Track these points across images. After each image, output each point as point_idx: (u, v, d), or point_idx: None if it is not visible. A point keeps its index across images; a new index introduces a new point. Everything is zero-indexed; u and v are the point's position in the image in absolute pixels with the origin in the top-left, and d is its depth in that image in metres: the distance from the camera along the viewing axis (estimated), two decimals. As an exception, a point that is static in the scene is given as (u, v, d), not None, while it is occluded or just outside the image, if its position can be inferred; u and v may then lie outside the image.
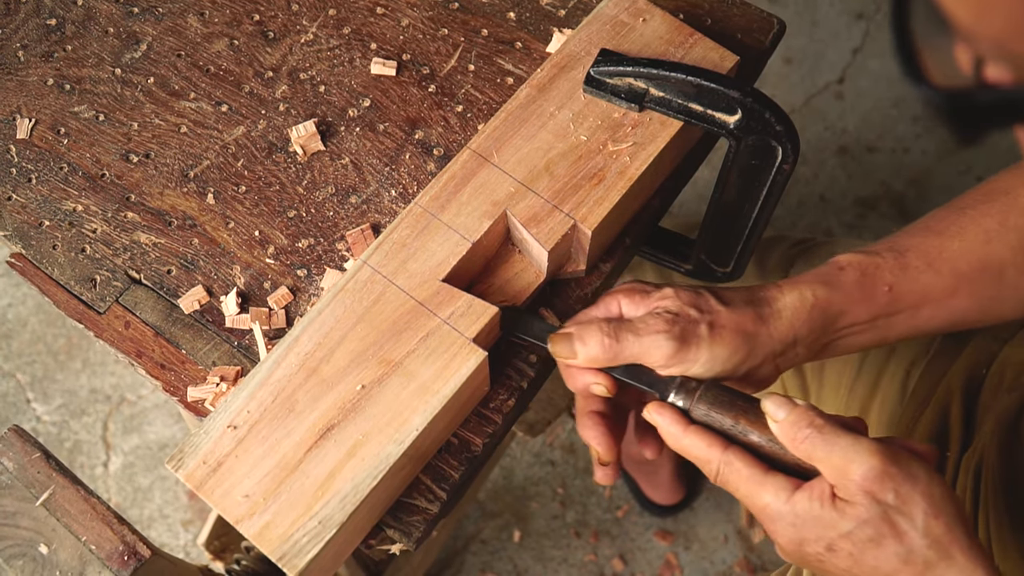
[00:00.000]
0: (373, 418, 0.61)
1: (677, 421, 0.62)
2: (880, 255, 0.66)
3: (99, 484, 1.65)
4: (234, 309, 0.71)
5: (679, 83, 0.67)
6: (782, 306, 0.64)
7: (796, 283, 0.65)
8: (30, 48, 0.83)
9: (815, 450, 0.57)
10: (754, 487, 0.59)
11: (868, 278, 0.65)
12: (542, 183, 0.68)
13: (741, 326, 0.62)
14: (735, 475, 0.59)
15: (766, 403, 0.59)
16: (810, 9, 2.02)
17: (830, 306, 0.64)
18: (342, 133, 0.78)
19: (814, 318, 0.64)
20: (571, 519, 1.61)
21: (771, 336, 0.63)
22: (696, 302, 0.63)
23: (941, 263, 0.65)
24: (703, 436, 0.61)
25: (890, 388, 0.90)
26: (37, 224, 0.76)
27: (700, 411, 0.62)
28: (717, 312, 0.63)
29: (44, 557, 0.64)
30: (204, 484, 0.60)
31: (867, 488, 0.55)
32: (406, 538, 0.66)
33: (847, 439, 0.56)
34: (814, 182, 1.86)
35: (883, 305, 0.65)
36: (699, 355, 0.61)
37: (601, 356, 0.63)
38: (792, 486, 0.58)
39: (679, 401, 0.62)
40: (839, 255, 0.67)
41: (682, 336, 0.61)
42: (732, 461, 0.59)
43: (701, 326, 0.62)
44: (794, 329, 0.64)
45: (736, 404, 0.61)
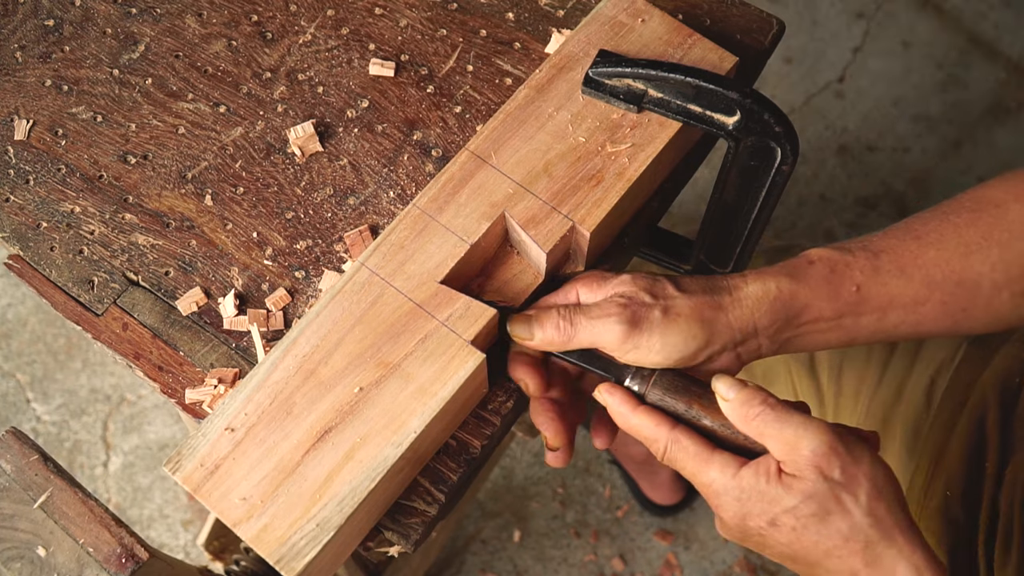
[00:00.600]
0: (371, 420, 0.61)
1: (626, 401, 0.62)
2: (853, 253, 0.65)
3: (99, 484, 1.65)
4: (232, 311, 0.71)
5: (678, 84, 0.67)
6: (744, 295, 0.64)
7: (761, 273, 0.65)
8: (28, 49, 0.83)
9: (766, 426, 0.58)
10: (701, 463, 0.60)
11: (836, 275, 0.65)
12: (540, 184, 0.68)
13: (697, 312, 0.62)
14: (682, 452, 0.60)
15: (717, 383, 0.60)
16: (810, 9, 2.02)
17: (794, 299, 0.64)
18: (340, 134, 0.78)
19: (776, 309, 0.63)
20: (571, 519, 1.61)
21: (730, 324, 0.63)
22: (651, 288, 0.63)
23: (914, 269, 0.65)
24: (651, 416, 0.61)
25: (914, 396, 0.89)
26: (35, 225, 0.76)
27: (654, 396, 0.63)
28: (672, 298, 0.62)
29: (42, 559, 0.64)
30: (202, 487, 0.60)
31: (816, 463, 0.56)
32: (404, 540, 0.66)
33: (798, 417, 0.58)
34: (814, 182, 1.86)
35: (849, 304, 0.64)
36: (651, 340, 0.61)
37: (556, 339, 0.63)
38: (738, 463, 0.59)
39: (634, 386, 0.63)
40: (811, 249, 0.67)
41: (633, 320, 0.61)
42: (680, 439, 0.60)
43: (654, 311, 0.62)
44: (754, 319, 0.63)
45: (690, 389, 0.62)
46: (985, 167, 1.85)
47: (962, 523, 0.78)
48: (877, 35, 1.98)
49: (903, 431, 0.88)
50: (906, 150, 1.88)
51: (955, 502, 0.78)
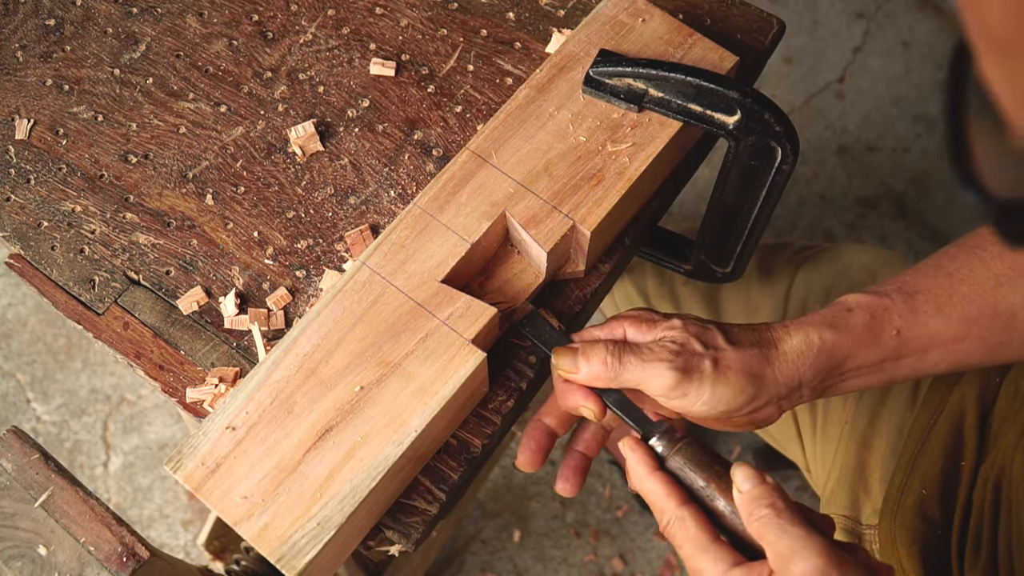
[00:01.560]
0: (372, 419, 0.61)
1: (646, 463, 0.61)
2: (890, 297, 0.65)
3: (99, 484, 1.65)
4: (233, 310, 0.71)
5: (678, 84, 0.67)
6: (788, 348, 0.63)
7: (803, 324, 0.64)
8: (29, 48, 0.83)
9: (767, 532, 0.56)
10: (696, 549, 0.58)
11: (876, 321, 0.64)
12: (541, 184, 0.68)
13: (747, 367, 0.62)
14: (683, 532, 0.59)
15: (736, 471, 0.58)
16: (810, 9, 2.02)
17: (836, 349, 0.63)
18: (341, 134, 0.78)
19: (820, 361, 0.63)
20: (571, 519, 1.61)
21: (776, 380, 0.63)
22: (703, 336, 0.62)
23: (950, 308, 0.64)
24: (664, 485, 0.60)
25: (900, 396, 0.90)
26: (36, 225, 0.76)
27: (675, 463, 0.61)
28: (723, 350, 0.62)
29: (43, 558, 0.64)
30: (203, 486, 0.60)
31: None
32: (405, 539, 0.66)
33: (800, 531, 0.55)
34: (814, 182, 1.86)
35: (890, 349, 0.64)
36: (701, 391, 0.61)
37: (603, 375, 0.62)
38: (733, 560, 0.57)
39: (658, 446, 0.62)
40: (847, 295, 0.66)
41: (685, 368, 0.61)
42: (685, 518, 0.59)
43: (706, 361, 0.61)
44: (799, 373, 0.63)
45: (712, 467, 0.60)
46: (985, 167, 1.85)
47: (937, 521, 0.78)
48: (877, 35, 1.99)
49: (889, 430, 0.88)
50: (906, 150, 1.88)
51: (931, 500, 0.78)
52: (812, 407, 0.97)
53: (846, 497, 0.88)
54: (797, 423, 0.99)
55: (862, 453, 0.89)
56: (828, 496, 0.91)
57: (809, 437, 0.97)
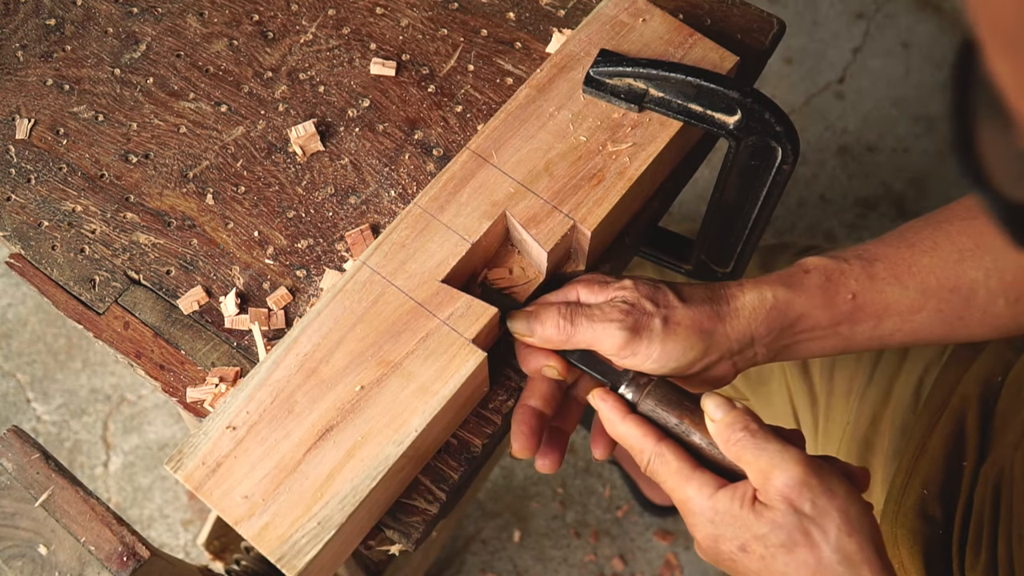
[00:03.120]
0: (372, 419, 0.61)
1: (617, 409, 0.62)
2: (848, 262, 0.65)
3: (99, 484, 1.65)
4: (233, 310, 0.71)
5: (679, 83, 0.67)
6: (740, 304, 0.64)
7: (758, 283, 0.65)
8: (29, 48, 0.83)
9: (744, 452, 0.58)
10: (680, 480, 0.60)
11: (832, 284, 0.64)
12: (541, 183, 0.68)
13: (697, 323, 0.62)
14: (664, 467, 0.60)
15: (706, 402, 0.60)
16: (810, 9, 2.02)
17: (790, 308, 0.64)
18: (341, 133, 0.78)
19: (773, 319, 0.64)
20: (571, 519, 1.61)
21: (727, 335, 0.63)
22: (653, 296, 0.63)
23: (909, 277, 0.65)
24: (639, 426, 0.61)
25: (903, 395, 0.90)
26: (36, 224, 0.76)
27: (647, 406, 0.62)
28: (673, 307, 0.63)
29: (43, 558, 0.64)
30: (203, 485, 0.60)
31: (786, 495, 0.56)
32: (405, 539, 0.66)
33: (776, 446, 0.57)
34: (814, 182, 1.86)
35: (845, 313, 0.64)
36: (651, 349, 0.62)
37: (555, 337, 0.63)
38: (717, 484, 0.59)
39: (628, 393, 0.63)
40: (807, 257, 0.67)
41: (635, 327, 0.61)
42: (664, 453, 0.60)
43: (655, 320, 0.62)
44: (751, 329, 0.64)
45: (683, 404, 0.62)
46: (985, 168, 1.85)
47: (938, 520, 0.78)
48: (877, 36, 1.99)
49: (891, 430, 0.88)
50: (906, 151, 1.88)
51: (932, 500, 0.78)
52: (814, 409, 0.97)
53: None
54: (799, 425, 0.99)
55: (864, 454, 0.89)
56: None
57: (811, 437, 0.97)
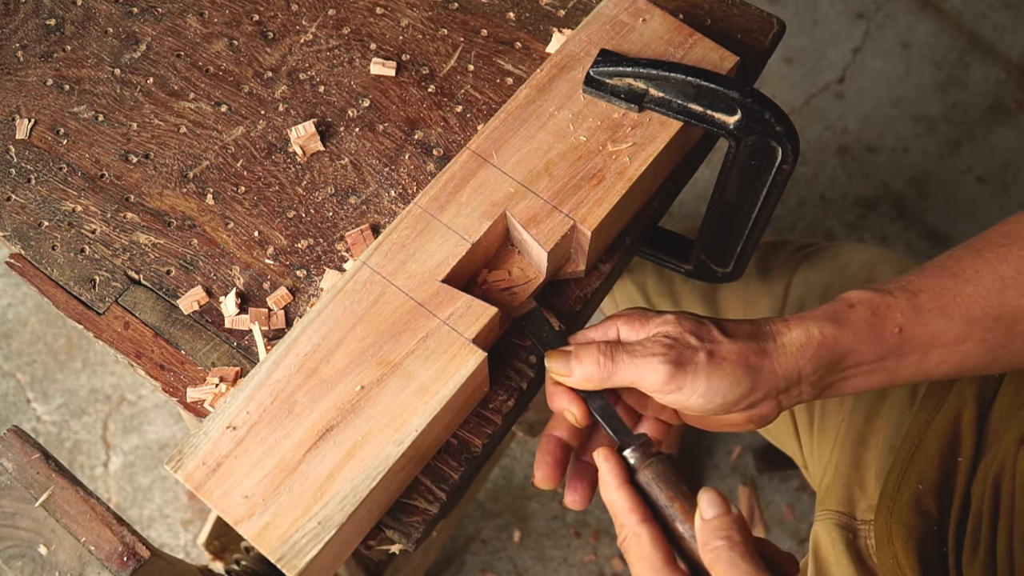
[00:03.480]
0: (372, 419, 0.61)
1: (615, 474, 0.61)
2: (893, 295, 0.64)
3: (99, 484, 1.65)
4: (233, 310, 0.71)
5: (679, 83, 0.67)
6: (787, 341, 0.62)
7: (803, 319, 0.63)
8: (29, 48, 0.83)
9: (717, 563, 0.56)
10: (648, 569, 0.58)
11: (879, 318, 0.63)
12: (541, 183, 0.68)
13: (743, 358, 0.61)
14: (637, 549, 0.58)
15: (703, 497, 0.58)
16: (810, 9, 2.02)
17: (837, 344, 0.62)
18: (341, 133, 0.78)
19: (820, 356, 0.62)
20: (571, 519, 1.61)
21: (775, 372, 0.62)
22: (697, 330, 0.62)
23: (954, 308, 0.64)
24: (629, 499, 0.60)
25: (899, 394, 0.90)
26: (36, 224, 0.76)
27: (644, 477, 0.61)
28: (718, 342, 0.61)
29: (43, 558, 0.64)
30: (203, 485, 0.60)
31: None
32: (405, 539, 0.66)
33: (749, 567, 0.55)
34: (814, 182, 1.86)
35: (892, 346, 0.63)
36: (696, 384, 0.60)
37: (596, 375, 0.62)
38: None
39: (631, 458, 0.62)
40: (850, 291, 0.66)
41: (679, 361, 0.60)
42: (642, 535, 0.58)
43: (700, 354, 0.60)
44: (799, 366, 0.62)
45: (679, 487, 0.60)
46: (985, 168, 1.85)
47: (934, 516, 0.78)
48: (877, 36, 1.99)
49: (887, 427, 0.88)
50: (906, 151, 1.88)
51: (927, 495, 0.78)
52: (809, 406, 0.97)
53: (841, 493, 0.88)
54: (795, 421, 0.99)
55: (858, 451, 0.89)
56: (824, 492, 0.91)
57: (806, 434, 0.97)
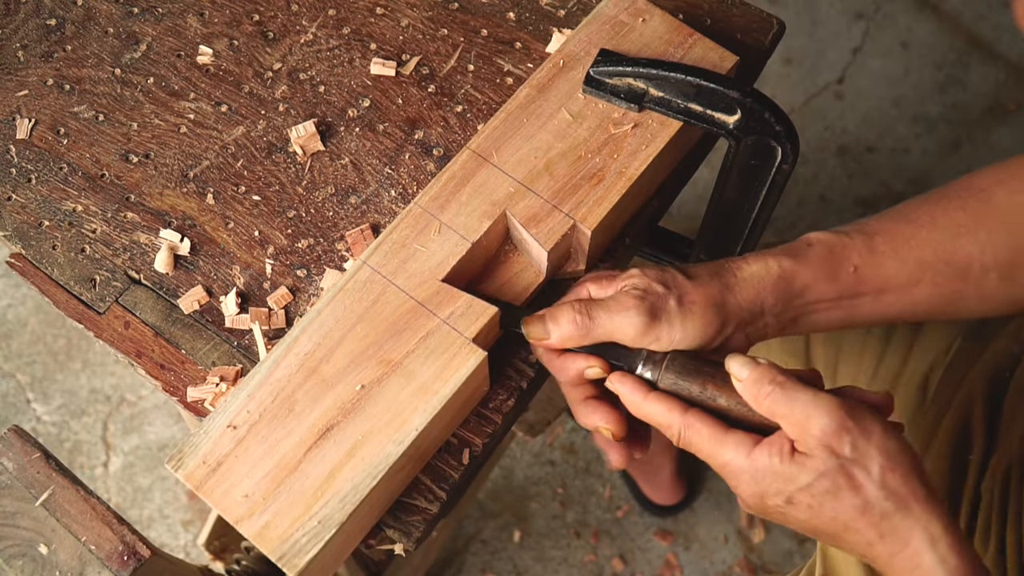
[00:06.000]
0: (373, 418, 0.61)
1: (637, 389, 0.63)
2: (849, 236, 0.67)
3: (99, 484, 1.65)
4: (234, 309, 0.71)
5: (679, 83, 0.67)
6: (747, 275, 0.64)
7: (762, 254, 0.66)
8: (30, 48, 0.83)
9: (777, 406, 0.58)
10: (715, 445, 0.60)
11: (835, 256, 0.65)
12: (541, 183, 0.68)
13: (709, 298, 0.63)
14: (697, 436, 0.61)
15: (730, 363, 0.60)
16: (810, 9, 2.02)
17: (795, 278, 0.65)
18: (342, 133, 0.78)
19: (780, 288, 0.64)
20: (571, 519, 1.61)
21: (739, 304, 0.64)
22: (662, 278, 0.64)
23: (907, 251, 0.66)
24: (663, 401, 0.62)
25: (908, 392, 0.90)
26: (37, 224, 0.76)
27: (668, 381, 0.62)
28: (684, 286, 0.63)
29: (44, 557, 0.64)
30: (204, 484, 0.60)
31: (825, 442, 0.57)
32: (406, 538, 0.66)
33: (807, 395, 0.58)
34: (814, 182, 1.86)
35: (848, 285, 0.66)
36: (672, 330, 0.62)
37: (574, 333, 0.63)
38: (752, 442, 0.59)
39: (647, 373, 0.63)
40: (809, 233, 0.68)
41: (652, 310, 0.62)
42: (693, 423, 0.61)
43: (670, 300, 0.62)
44: (760, 297, 0.64)
45: (703, 370, 0.62)
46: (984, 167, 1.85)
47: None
48: (876, 36, 1.99)
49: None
50: (906, 151, 1.88)
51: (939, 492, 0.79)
52: None
53: None
54: None
55: None
56: None
57: None
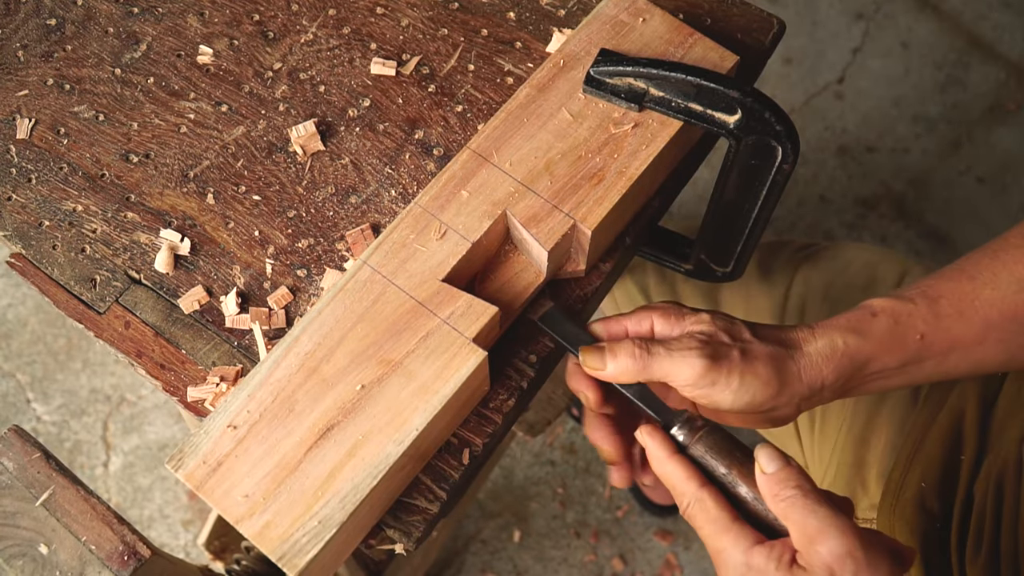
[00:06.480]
0: (373, 418, 0.62)
1: (664, 447, 0.62)
2: (913, 302, 0.66)
3: (99, 484, 1.65)
4: (234, 309, 0.71)
5: (679, 83, 0.67)
6: (812, 350, 0.64)
7: (828, 328, 0.65)
8: (30, 48, 0.83)
9: (793, 511, 0.56)
10: (718, 529, 0.59)
11: (901, 327, 0.65)
12: (542, 183, 0.68)
13: (774, 360, 0.63)
14: (703, 513, 0.59)
15: (760, 452, 0.59)
16: (810, 9, 2.02)
17: (860, 353, 0.64)
18: (342, 133, 0.78)
19: (843, 365, 0.64)
20: (571, 519, 1.61)
21: (800, 379, 0.63)
22: (730, 329, 0.64)
23: (972, 312, 0.65)
24: (684, 467, 0.61)
25: (901, 394, 0.90)
26: (37, 224, 0.76)
27: (697, 451, 0.62)
28: (750, 342, 0.63)
29: (44, 557, 0.64)
30: (204, 484, 0.60)
31: (828, 563, 0.55)
32: (406, 538, 0.66)
33: (826, 511, 0.56)
34: (814, 182, 1.86)
35: (913, 352, 0.65)
36: (730, 380, 0.61)
37: (631, 368, 0.63)
38: (755, 539, 0.58)
39: (679, 435, 0.62)
40: (872, 299, 0.67)
41: (715, 357, 0.61)
42: (704, 499, 0.59)
43: (734, 351, 0.62)
44: (822, 375, 0.64)
45: (734, 454, 0.61)
46: (985, 168, 1.85)
47: (936, 514, 0.78)
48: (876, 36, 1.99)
49: (889, 428, 0.89)
50: (906, 151, 1.88)
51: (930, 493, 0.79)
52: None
53: (842, 492, 0.88)
54: (795, 422, 1.00)
55: (860, 450, 0.89)
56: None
57: (807, 435, 0.97)
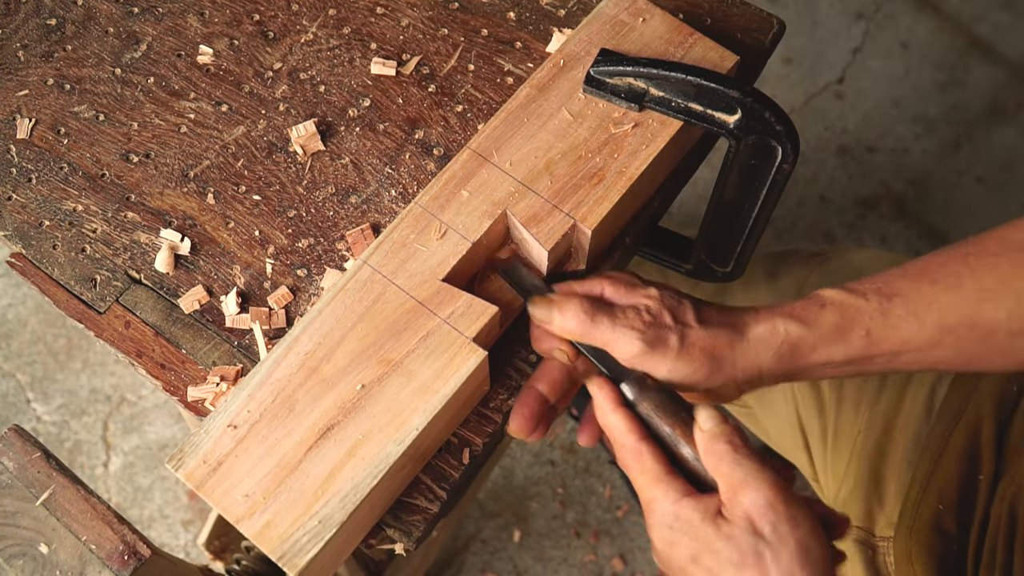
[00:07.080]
0: (373, 418, 0.62)
1: (610, 399, 0.63)
2: (865, 297, 0.65)
3: (99, 484, 1.65)
4: (234, 309, 0.71)
5: (679, 83, 0.67)
6: (752, 335, 0.64)
7: (771, 315, 0.65)
8: (30, 48, 0.83)
9: (721, 464, 0.58)
10: (651, 480, 0.60)
11: (846, 321, 0.64)
12: (542, 183, 0.68)
13: (710, 348, 0.63)
14: (638, 464, 0.61)
15: (699, 411, 0.60)
16: (810, 9, 2.02)
17: (802, 342, 0.64)
18: (342, 133, 0.78)
19: (782, 353, 0.64)
20: (571, 519, 1.61)
21: (735, 365, 0.64)
22: (675, 310, 0.64)
23: (927, 314, 0.63)
24: (627, 421, 0.62)
25: (914, 406, 0.89)
26: (37, 224, 0.76)
27: (644, 408, 0.63)
28: (691, 327, 0.63)
29: (44, 557, 0.64)
30: (204, 483, 0.60)
31: (749, 513, 0.56)
32: (406, 537, 0.66)
33: (752, 464, 0.57)
34: (814, 182, 1.86)
35: (859, 348, 0.64)
36: (662, 365, 0.62)
37: (574, 329, 0.64)
38: (685, 491, 0.59)
39: (628, 391, 0.63)
40: (824, 289, 0.66)
41: (653, 341, 0.62)
42: (643, 452, 0.61)
43: (672, 336, 0.62)
44: (759, 362, 0.64)
45: (679, 414, 0.62)
46: (984, 168, 1.85)
47: (953, 536, 0.77)
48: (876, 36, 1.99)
49: (904, 440, 0.87)
50: (906, 151, 1.88)
51: (947, 514, 0.78)
52: (822, 417, 0.95)
53: (860, 508, 0.87)
54: (805, 435, 0.98)
55: (876, 463, 0.88)
56: (840, 507, 0.90)
57: (818, 447, 0.96)
